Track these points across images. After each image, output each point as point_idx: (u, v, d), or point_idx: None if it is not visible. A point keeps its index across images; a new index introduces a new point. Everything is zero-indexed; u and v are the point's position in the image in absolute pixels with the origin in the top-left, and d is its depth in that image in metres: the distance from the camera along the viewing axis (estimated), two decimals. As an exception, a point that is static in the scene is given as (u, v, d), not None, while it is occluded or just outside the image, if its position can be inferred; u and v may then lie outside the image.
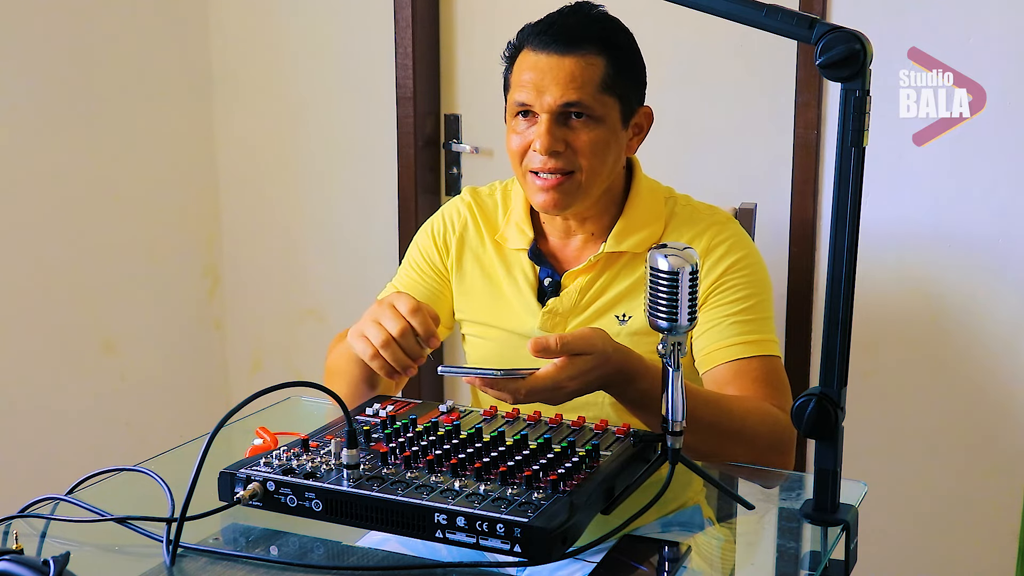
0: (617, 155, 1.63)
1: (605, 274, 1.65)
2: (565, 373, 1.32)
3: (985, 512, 2.35)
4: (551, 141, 1.56)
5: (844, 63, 1.17)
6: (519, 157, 1.61)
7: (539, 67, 1.57)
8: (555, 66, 1.57)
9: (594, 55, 1.57)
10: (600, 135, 1.59)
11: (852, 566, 1.26)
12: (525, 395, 1.32)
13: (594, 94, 1.57)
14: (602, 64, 1.58)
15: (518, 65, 1.61)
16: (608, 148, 1.60)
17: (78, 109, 2.65)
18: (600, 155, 1.60)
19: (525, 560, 1.12)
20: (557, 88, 1.56)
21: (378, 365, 1.42)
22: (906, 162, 2.29)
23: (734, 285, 1.61)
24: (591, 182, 1.61)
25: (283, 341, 3.05)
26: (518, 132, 1.61)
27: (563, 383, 1.33)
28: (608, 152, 1.61)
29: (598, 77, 1.57)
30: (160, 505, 1.26)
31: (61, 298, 2.66)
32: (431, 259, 1.77)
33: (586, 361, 1.33)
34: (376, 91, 2.79)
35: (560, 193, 1.59)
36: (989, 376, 2.32)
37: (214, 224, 3.04)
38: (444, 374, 1.35)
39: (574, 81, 1.56)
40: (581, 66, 1.57)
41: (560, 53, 1.57)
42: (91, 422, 2.74)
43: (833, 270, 1.21)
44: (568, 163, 1.58)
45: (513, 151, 1.62)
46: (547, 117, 1.57)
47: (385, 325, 1.41)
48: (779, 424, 1.49)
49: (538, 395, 1.33)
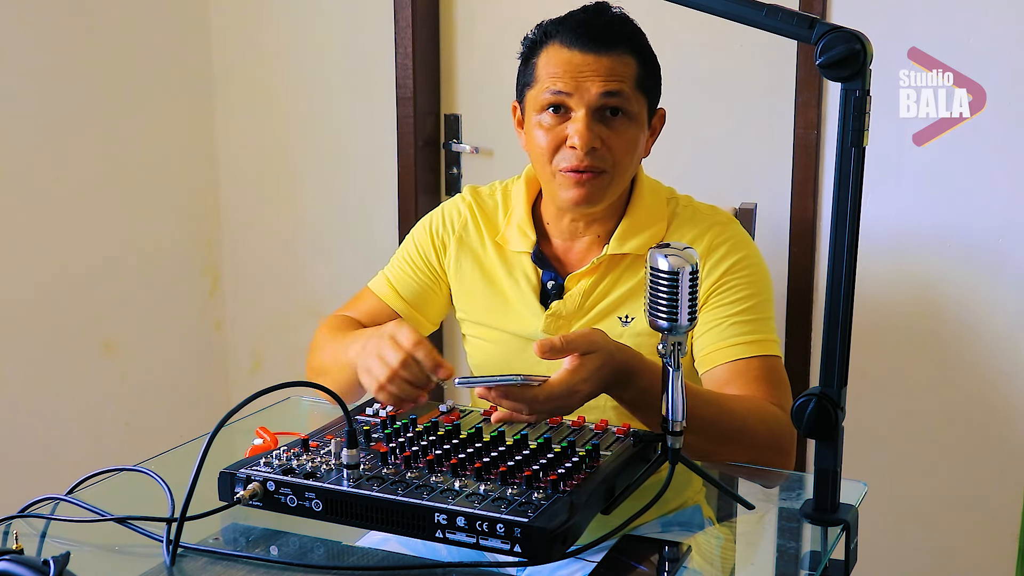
0: (641, 154, 1.64)
1: (608, 276, 1.65)
2: (578, 376, 1.32)
3: (985, 512, 2.35)
4: (591, 137, 1.55)
5: (844, 63, 1.17)
6: (549, 155, 1.59)
7: (575, 62, 1.56)
8: (592, 62, 1.56)
9: (627, 55, 1.57)
10: (633, 134, 1.59)
11: (852, 566, 1.26)
12: (543, 401, 1.30)
13: (631, 91, 1.57)
14: (634, 63, 1.58)
15: (545, 60, 1.59)
16: (637, 147, 1.61)
17: (78, 109, 2.65)
18: (631, 153, 1.60)
19: (525, 560, 1.12)
20: (599, 80, 1.55)
21: (385, 398, 1.42)
22: (906, 162, 2.29)
23: (735, 285, 1.61)
24: (620, 181, 1.61)
25: (283, 341, 3.05)
26: (547, 128, 1.58)
27: (577, 386, 1.32)
28: (637, 151, 1.61)
29: (633, 75, 1.58)
30: (160, 505, 1.26)
31: (61, 298, 2.66)
32: (426, 255, 1.76)
33: (593, 360, 1.33)
34: (376, 91, 2.79)
35: (592, 189, 1.58)
36: (989, 376, 2.32)
37: (214, 224, 3.04)
38: (460, 387, 1.34)
39: (614, 75, 1.56)
40: (618, 64, 1.56)
41: (596, 51, 1.56)
42: (91, 422, 2.74)
43: (833, 270, 1.21)
44: (601, 161, 1.57)
45: (540, 147, 1.59)
46: (586, 112, 1.55)
47: (387, 359, 1.40)
48: (779, 424, 1.49)
49: (554, 401, 1.31)
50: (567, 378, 1.31)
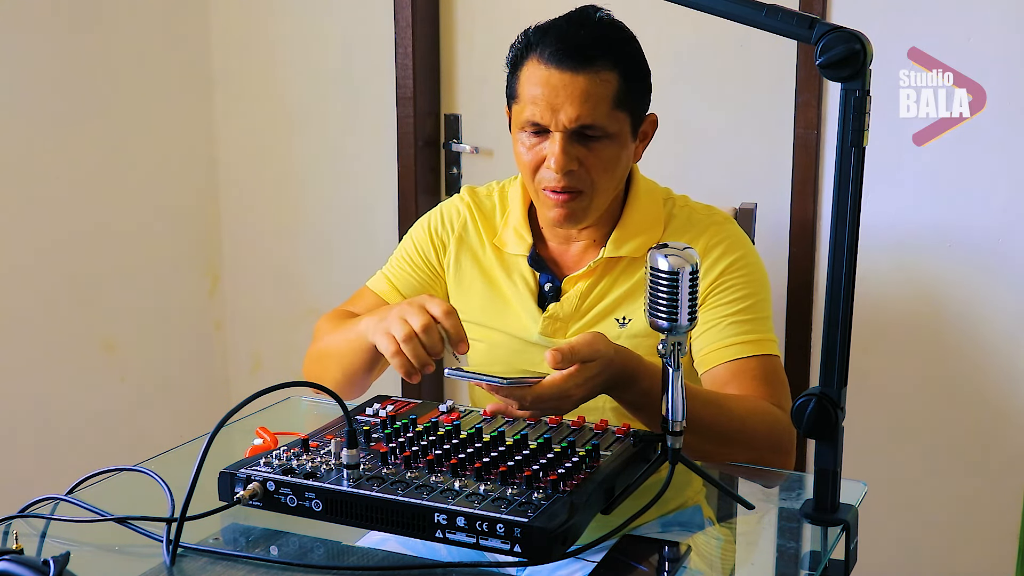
0: (626, 167, 1.63)
1: (605, 279, 1.65)
2: (572, 381, 1.32)
3: (985, 512, 2.35)
4: (566, 160, 1.54)
5: (844, 63, 1.17)
6: (531, 172, 1.59)
7: (551, 83, 1.53)
8: (568, 83, 1.52)
9: (607, 71, 1.53)
10: (613, 152, 1.57)
11: (852, 566, 1.26)
12: (531, 402, 1.32)
13: (608, 112, 1.54)
14: (615, 80, 1.54)
15: (526, 76, 1.56)
16: (619, 163, 1.59)
17: (78, 109, 2.66)
18: (611, 171, 1.58)
19: (525, 560, 1.12)
20: (572, 107, 1.52)
21: (398, 363, 1.41)
22: (906, 162, 2.29)
23: (732, 285, 1.61)
24: (602, 199, 1.60)
25: (283, 341, 3.05)
26: (528, 147, 1.58)
27: (570, 391, 1.32)
28: (618, 167, 1.60)
29: (611, 94, 1.54)
30: (160, 505, 1.26)
31: (61, 298, 2.66)
32: (426, 254, 1.76)
33: (592, 368, 1.33)
34: (376, 91, 2.79)
35: (570, 210, 1.58)
36: (989, 376, 2.32)
37: (214, 224, 3.04)
38: (450, 377, 1.35)
39: (588, 100, 1.52)
40: (595, 83, 1.52)
41: (572, 70, 1.52)
42: (91, 422, 2.74)
43: (833, 270, 1.21)
44: (579, 182, 1.56)
45: (523, 165, 1.60)
46: (561, 136, 1.54)
47: (409, 321, 1.40)
48: (779, 423, 1.49)
49: (545, 403, 1.32)
50: (561, 382, 1.31)
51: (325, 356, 1.64)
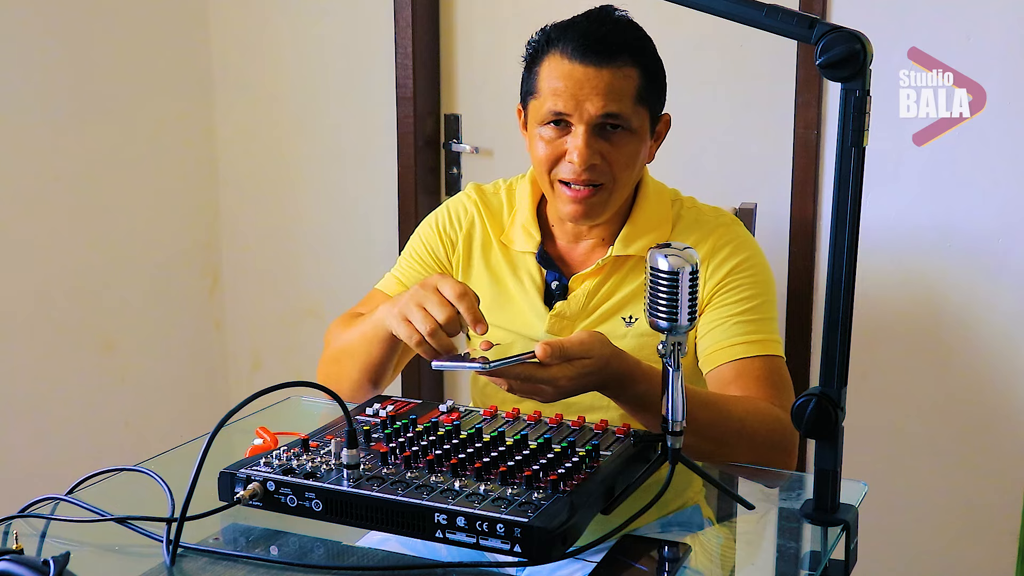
0: (643, 164, 1.64)
1: (612, 277, 1.65)
2: (563, 372, 1.32)
3: (985, 512, 2.35)
4: (589, 154, 1.55)
5: (844, 63, 1.17)
6: (548, 166, 1.59)
7: (575, 76, 1.54)
8: (593, 77, 1.54)
9: (629, 66, 1.56)
10: (634, 147, 1.59)
11: (852, 566, 1.26)
12: (516, 379, 1.31)
13: (632, 106, 1.56)
14: (636, 75, 1.56)
15: (547, 71, 1.57)
16: (638, 159, 1.61)
17: (78, 109, 2.66)
18: (631, 167, 1.60)
19: (525, 560, 1.12)
20: (598, 98, 1.54)
21: (424, 350, 1.41)
22: (906, 162, 2.29)
23: (738, 286, 1.61)
24: (620, 195, 1.61)
25: (283, 341, 3.05)
26: (547, 141, 1.59)
27: (558, 380, 1.32)
28: (637, 164, 1.61)
29: (634, 89, 1.56)
30: (160, 505, 1.26)
31: (61, 298, 2.66)
32: (435, 252, 1.76)
33: (584, 365, 1.33)
34: (376, 91, 2.79)
35: (590, 205, 1.59)
36: (989, 376, 2.32)
37: (214, 224, 3.04)
38: (438, 368, 1.35)
39: (613, 92, 1.54)
40: (618, 78, 1.55)
41: (597, 65, 1.54)
42: (91, 422, 2.74)
43: (833, 270, 1.21)
44: (600, 176, 1.57)
45: (540, 159, 1.60)
46: (585, 128, 1.55)
47: (431, 312, 1.40)
48: (780, 424, 1.49)
49: (530, 383, 1.32)
50: (553, 371, 1.32)
51: (342, 355, 1.63)
